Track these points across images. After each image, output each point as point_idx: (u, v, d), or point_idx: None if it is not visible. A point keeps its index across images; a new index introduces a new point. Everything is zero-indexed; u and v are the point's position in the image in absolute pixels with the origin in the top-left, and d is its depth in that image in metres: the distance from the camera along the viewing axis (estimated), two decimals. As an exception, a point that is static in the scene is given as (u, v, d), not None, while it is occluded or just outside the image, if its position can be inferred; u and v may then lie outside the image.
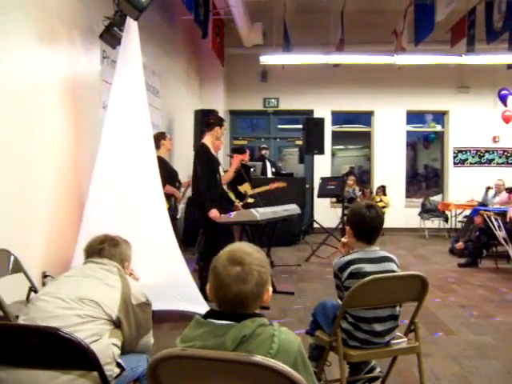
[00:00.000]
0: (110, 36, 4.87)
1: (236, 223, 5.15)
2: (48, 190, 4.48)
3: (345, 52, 10.16)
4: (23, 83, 4.05)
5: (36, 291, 3.66)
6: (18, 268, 3.60)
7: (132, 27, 4.51)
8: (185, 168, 8.16)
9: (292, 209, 5.73)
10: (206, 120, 5.53)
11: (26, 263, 4.22)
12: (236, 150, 7.42)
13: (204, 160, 5.22)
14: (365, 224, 2.67)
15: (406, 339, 2.75)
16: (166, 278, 4.52)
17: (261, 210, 5.02)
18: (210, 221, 5.08)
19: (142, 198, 4.54)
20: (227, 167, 6.42)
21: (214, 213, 5.02)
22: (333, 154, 12.77)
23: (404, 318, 2.75)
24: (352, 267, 2.62)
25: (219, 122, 5.45)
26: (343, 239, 2.88)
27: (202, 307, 4.59)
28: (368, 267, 2.61)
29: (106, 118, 4.47)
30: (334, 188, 8.32)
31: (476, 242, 7.69)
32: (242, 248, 1.57)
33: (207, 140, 5.36)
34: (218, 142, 5.66)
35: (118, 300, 2.10)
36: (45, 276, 4.44)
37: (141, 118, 4.60)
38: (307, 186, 10.79)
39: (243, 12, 8.77)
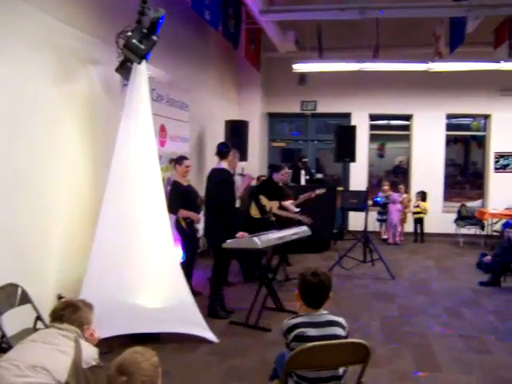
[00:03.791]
0: (125, 70, 5.22)
1: (238, 249, 5.38)
2: (61, 218, 4.94)
3: (380, 58, 10.03)
4: (40, 117, 4.58)
5: (42, 320, 4.08)
6: (25, 300, 4.01)
7: (139, 68, 4.79)
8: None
9: (301, 232, 5.85)
10: (219, 151, 5.74)
11: (44, 284, 4.74)
12: (272, 167, 7.72)
13: (230, 187, 5.52)
14: (309, 290, 2.87)
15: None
16: (169, 302, 4.83)
17: (264, 237, 5.21)
18: (220, 246, 5.37)
19: (147, 225, 4.87)
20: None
21: (242, 234, 5.36)
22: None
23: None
24: (297, 331, 2.80)
25: (230, 148, 5.74)
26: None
27: (203, 330, 4.91)
28: (311, 331, 2.79)
29: (114, 156, 4.79)
30: (356, 202, 8.35)
31: (500, 257, 7.53)
32: (132, 357, 1.81)
33: (226, 166, 5.65)
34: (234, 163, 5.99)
35: (69, 365, 2.42)
36: (60, 298, 4.88)
37: (148, 153, 4.91)
38: (340, 189, 10.77)
39: (273, 23, 8.87)
